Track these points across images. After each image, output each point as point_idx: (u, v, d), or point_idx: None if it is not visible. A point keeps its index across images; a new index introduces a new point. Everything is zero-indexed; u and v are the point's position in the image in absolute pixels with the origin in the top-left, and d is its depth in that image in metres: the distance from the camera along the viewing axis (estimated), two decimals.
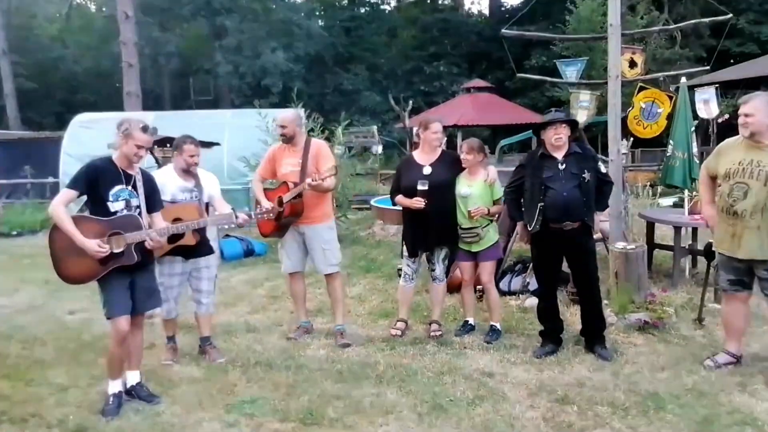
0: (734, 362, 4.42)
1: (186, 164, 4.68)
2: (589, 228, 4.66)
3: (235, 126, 12.68)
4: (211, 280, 4.93)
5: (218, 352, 4.91)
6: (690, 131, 6.59)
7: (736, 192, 4.15)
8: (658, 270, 7.18)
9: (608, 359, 4.56)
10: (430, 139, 5.19)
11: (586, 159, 4.65)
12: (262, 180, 5.23)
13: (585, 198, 4.54)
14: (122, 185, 3.93)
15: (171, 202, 4.56)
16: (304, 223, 5.08)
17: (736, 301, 4.39)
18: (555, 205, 4.50)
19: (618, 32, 5.69)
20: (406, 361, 4.71)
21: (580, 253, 4.70)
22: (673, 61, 19.60)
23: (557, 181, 4.52)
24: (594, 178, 4.61)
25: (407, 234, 5.34)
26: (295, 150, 5.08)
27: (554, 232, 4.57)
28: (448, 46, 31.21)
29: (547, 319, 4.89)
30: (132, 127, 3.90)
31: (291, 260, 5.24)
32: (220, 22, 26.50)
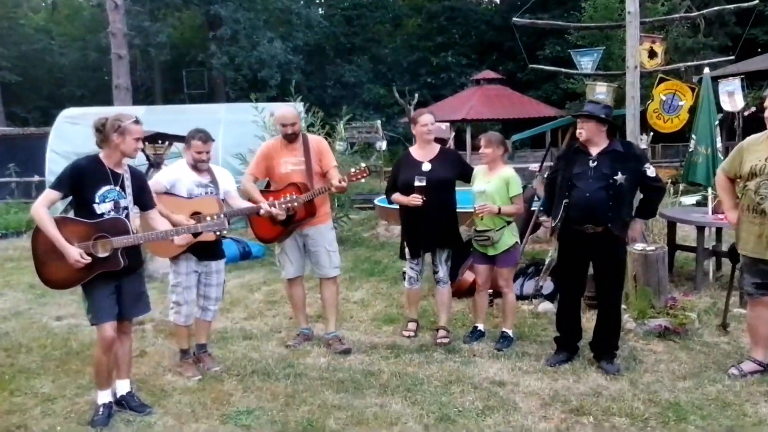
0: (761, 370, 4.41)
1: (193, 160, 4.68)
2: (616, 237, 4.46)
3: (230, 121, 12.68)
4: (221, 286, 4.90)
5: (213, 361, 4.92)
6: (714, 125, 6.59)
7: (764, 190, 4.14)
8: (679, 273, 7.18)
9: (612, 374, 4.48)
10: (421, 133, 5.23)
11: (626, 159, 4.45)
12: (255, 180, 5.15)
13: (612, 202, 4.38)
14: (110, 185, 3.94)
15: (188, 197, 4.61)
16: (308, 225, 5.06)
17: (762, 305, 4.38)
18: (577, 205, 4.43)
19: (636, 20, 5.68)
20: (412, 370, 4.72)
21: (603, 262, 4.58)
22: (696, 50, 19.57)
23: (584, 179, 4.44)
24: (632, 182, 4.43)
25: (406, 234, 5.39)
26: (294, 147, 5.05)
27: (577, 234, 4.51)
28: (456, 35, 31.25)
29: (564, 325, 4.83)
30: (124, 122, 3.91)
31: (293, 265, 5.21)
32: (214, 11, 26.55)
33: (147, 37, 26.20)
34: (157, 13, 28.58)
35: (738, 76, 6.99)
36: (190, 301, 4.70)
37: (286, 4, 28.66)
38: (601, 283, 4.67)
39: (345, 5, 34.01)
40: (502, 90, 22.50)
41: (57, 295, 6.75)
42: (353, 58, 31.51)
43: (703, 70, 6.77)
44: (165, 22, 28.22)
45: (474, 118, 20.57)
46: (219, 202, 4.64)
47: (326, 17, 32.51)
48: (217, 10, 26.42)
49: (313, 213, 4.98)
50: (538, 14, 24.37)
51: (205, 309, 4.86)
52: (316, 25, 30.24)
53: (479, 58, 30.67)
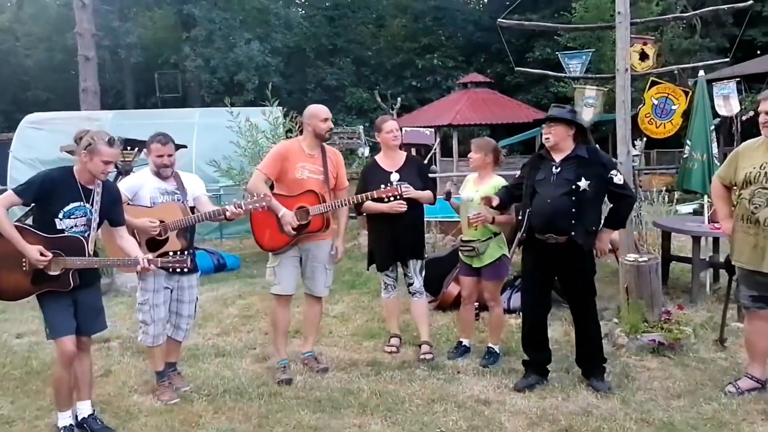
0: (758, 388, 4.42)
1: (154, 165, 4.61)
2: (580, 247, 4.42)
3: (205, 126, 12.67)
4: (193, 303, 4.82)
5: (183, 380, 4.87)
6: (709, 130, 6.64)
7: (758, 198, 4.17)
8: (675, 285, 7.22)
9: (603, 391, 4.46)
10: (386, 140, 5.31)
11: (591, 165, 4.42)
12: (267, 181, 4.90)
13: (575, 210, 4.35)
14: (79, 202, 3.92)
15: (150, 206, 4.54)
16: (311, 240, 4.95)
17: (759, 319, 4.40)
18: (538, 213, 4.42)
19: (627, 21, 5.72)
20: (393, 388, 4.70)
21: (568, 275, 4.58)
22: (693, 52, 19.77)
23: (546, 186, 4.44)
24: (597, 189, 4.41)
25: (377, 245, 5.44)
26: (314, 154, 4.93)
27: (540, 245, 4.48)
28: (443, 36, 31.32)
29: (530, 346, 4.76)
30: (96, 141, 3.87)
31: (289, 281, 4.98)
32: (187, 11, 26.49)
33: (116, 37, 26.09)
34: (128, 13, 28.48)
35: (733, 79, 7.05)
36: (158, 320, 4.61)
37: (264, 4, 28.66)
38: (571, 298, 4.70)
39: (326, 5, 34.06)
40: (490, 94, 22.53)
41: (18, 311, 6.70)
42: (335, 61, 31.50)
43: (698, 73, 6.83)
44: (136, 22, 28.13)
45: (461, 123, 20.56)
46: (183, 209, 4.56)
47: (306, 18, 32.51)
48: (190, 10, 26.37)
49: (327, 226, 4.92)
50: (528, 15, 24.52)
51: (177, 327, 4.79)
52: (296, 25, 30.23)
53: (466, 61, 30.76)
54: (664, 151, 18.52)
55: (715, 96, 6.87)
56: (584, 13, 19.73)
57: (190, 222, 4.54)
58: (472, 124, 21.21)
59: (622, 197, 4.56)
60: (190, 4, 26.41)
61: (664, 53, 18.75)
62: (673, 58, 18.78)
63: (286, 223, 4.68)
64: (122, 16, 27.67)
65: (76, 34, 18.86)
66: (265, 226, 4.84)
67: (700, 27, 20.84)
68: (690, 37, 20.67)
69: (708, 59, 11.97)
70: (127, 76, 30.92)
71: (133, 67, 30.15)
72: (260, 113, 10.47)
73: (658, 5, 18.94)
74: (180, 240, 4.51)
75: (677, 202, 10.11)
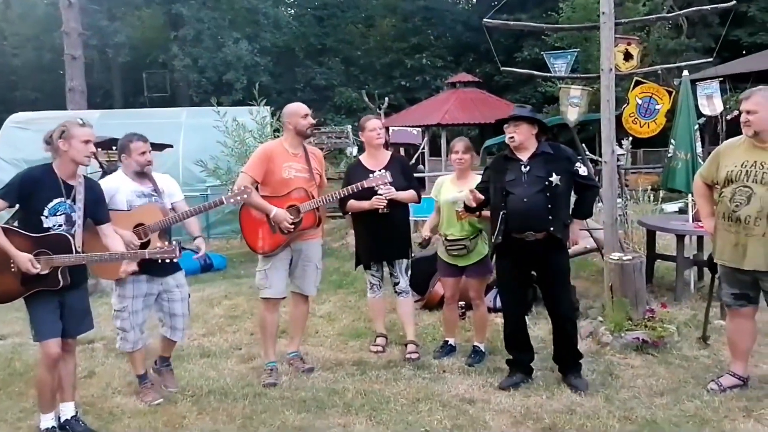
0: (740, 385, 4.44)
1: (138, 165, 4.54)
2: (558, 241, 4.47)
3: (192, 126, 12.63)
4: (186, 301, 4.76)
5: (173, 379, 4.84)
6: (693, 130, 6.67)
7: (739, 197, 4.18)
8: (660, 283, 7.25)
9: (583, 390, 4.47)
10: (370, 139, 5.33)
11: (557, 160, 4.50)
12: (253, 184, 4.80)
13: (551, 205, 4.39)
14: (61, 198, 3.89)
15: (128, 209, 4.48)
16: (303, 239, 4.92)
17: (741, 317, 4.43)
18: (515, 213, 4.39)
19: (611, 21, 5.73)
20: (378, 387, 4.70)
21: (546, 270, 4.58)
22: (679, 52, 19.83)
23: (519, 185, 4.42)
24: (567, 183, 4.47)
25: (362, 244, 5.46)
26: (297, 153, 4.92)
27: (518, 244, 4.46)
28: (432, 36, 31.44)
29: (515, 346, 4.75)
30: (69, 126, 3.87)
31: (281, 284, 4.93)
32: (176, 10, 26.41)
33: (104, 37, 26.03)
34: (116, 12, 28.36)
35: (716, 78, 7.08)
36: (137, 326, 4.56)
37: (253, 4, 28.65)
38: (548, 293, 4.67)
39: (315, 5, 34.08)
40: (478, 93, 22.53)
41: (2, 312, 6.64)
42: (324, 60, 31.54)
43: (683, 73, 6.85)
44: (124, 22, 28.01)
45: (450, 123, 20.57)
46: (163, 210, 4.52)
47: (296, 17, 32.53)
48: (179, 9, 26.32)
49: (319, 223, 4.91)
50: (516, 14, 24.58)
51: (174, 328, 4.73)
52: (285, 25, 30.24)
53: (455, 60, 30.84)
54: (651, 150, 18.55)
55: (699, 96, 6.89)
56: (572, 13, 19.78)
57: (170, 222, 4.51)
58: (460, 123, 21.20)
59: (588, 187, 4.66)
60: (179, 4, 26.36)
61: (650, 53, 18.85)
62: (660, 57, 18.85)
63: (281, 220, 4.64)
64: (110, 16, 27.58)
65: (62, 33, 18.77)
66: (257, 229, 4.81)
67: (687, 27, 20.95)
68: (676, 37, 20.75)
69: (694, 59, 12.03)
70: (116, 76, 30.84)
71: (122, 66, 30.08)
72: (247, 113, 10.45)
73: (644, 5, 18.99)
74: (162, 242, 4.46)
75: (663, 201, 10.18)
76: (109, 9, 27.74)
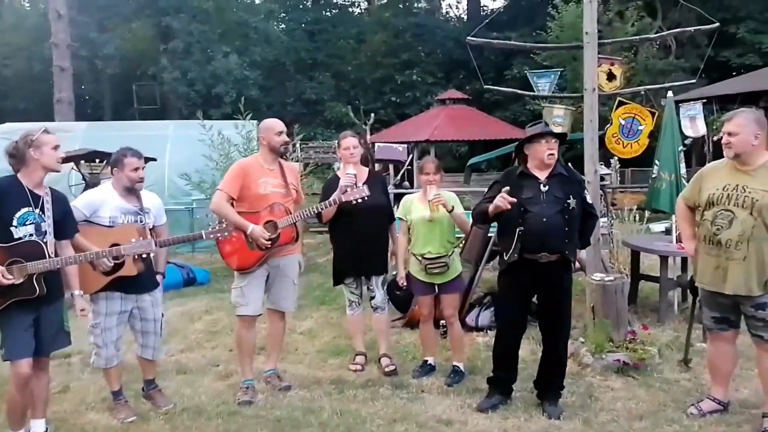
0: (720, 410, 4.41)
1: (129, 181, 4.49)
2: (569, 263, 4.42)
3: (178, 139, 12.58)
4: (158, 322, 4.71)
5: (165, 398, 4.77)
6: (678, 150, 6.68)
7: (721, 220, 4.16)
8: (644, 304, 7.22)
9: (555, 417, 4.38)
10: (345, 157, 5.34)
11: (572, 183, 4.44)
12: (229, 200, 4.73)
13: (567, 227, 4.33)
14: (29, 208, 3.85)
15: (109, 226, 4.41)
16: (280, 255, 4.87)
17: (721, 341, 4.39)
18: (533, 232, 4.27)
19: (594, 41, 5.75)
20: (355, 407, 4.64)
21: (553, 291, 4.47)
22: (668, 72, 19.97)
23: (538, 204, 4.29)
24: (579, 207, 4.39)
25: (338, 259, 5.48)
26: (273, 168, 4.88)
27: (529, 264, 4.34)
28: (423, 53, 31.50)
29: (503, 366, 4.66)
30: (36, 135, 3.86)
31: (257, 302, 4.87)
32: (166, 23, 26.43)
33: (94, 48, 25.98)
34: (107, 24, 28.35)
35: (699, 100, 7.11)
36: (109, 343, 4.49)
37: (243, 18, 28.71)
38: (551, 317, 4.55)
39: (307, 20, 34.17)
40: (467, 110, 22.59)
41: None
42: (315, 75, 31.58)
43: (667, 94, 6.87)
44: (114, 33, 27.99)
45: (439, 139, 20.62)
46: (142, 232, 4.43)
47: (287, 32, 32.58)
48: (169, 22, 26.31)
49: (296, 238, 4.87)
50: (506, 32, 24.75)
51: (146, 346, 4.68)
52: (275, 39, 30.27)
53: (445, 77, 30.89)
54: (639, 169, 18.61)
55: (682, 117, 6.90)
56: (560, 32, 19.91)
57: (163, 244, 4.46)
58: (449, 140, 21.26)
59: (591, 216, 4.62)
60: (169, 17, 26.37)
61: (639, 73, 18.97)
62: (648, 77, 18.97)
63: (258, 236, 4.58)
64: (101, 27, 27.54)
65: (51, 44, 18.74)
66: (233, 246, 4.74)
67: (675, 48, 21.11)
68: (665, 58, 20.92)
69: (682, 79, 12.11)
70: (105, 87, 30.77)
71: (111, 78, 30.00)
72: (233, 126, 10.41)
73: (633, 26, 19.15)
74: (137, 264, 4.39)
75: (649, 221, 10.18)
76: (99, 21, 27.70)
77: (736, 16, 22.50)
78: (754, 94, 14.20)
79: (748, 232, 4.05)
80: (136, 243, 4.07)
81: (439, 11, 38.99)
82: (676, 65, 20.64)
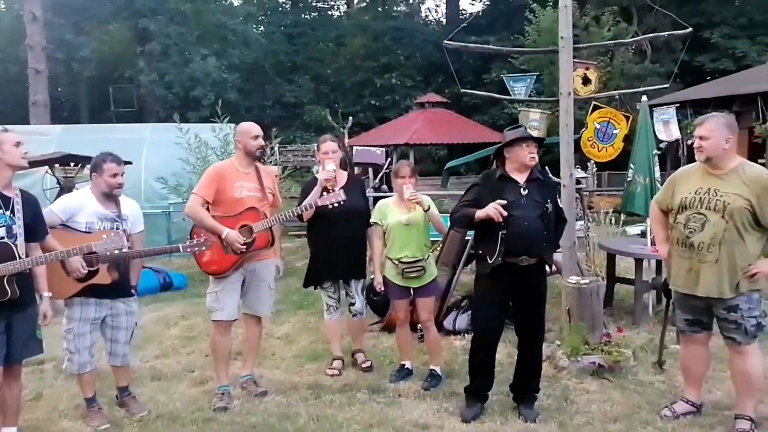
0: (694, 411, 4.45)
1: (108, 187, 4.43)
2: (544, 267, 4.49)
3: (155, 142, 12.50)
4: (130, 330, 4.66)
5: (139, 405, 4.73)
6: (652, 154, 6.74)
7: (693, 223, 4.20)
8: (620, 306, 7.27)
9: (531, 420, 4.40)
10: (323, 161, 5.33)
11: (548, 187, 4.51)
12: (204, 205, 4.70)
13: (546, 231, 4.37)
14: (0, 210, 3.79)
15: (86, 231, 4.35)
16: (256, 259, 4.85)
17: (694, 343, 4.43)
18: (516, 236, 4.25)
19: (569, 45, 5.79)
20: (331, 412, 4.63)
21: (531, 295, 4.48)
22: (643, 76, 20.14)
23: (520, 208, 4.28)
24: (554, 210, 4.46)
25: (317, 262, 5.48)
26: (249, 172, 4.86)
27: (509, 268, 4.32)
28: (402, 56, 31.54)
29: (480, 373, 4.61)
30: None
31: (233, 306, 4.83)
32: (143, 25, 26.23)
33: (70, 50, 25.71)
34: (83, 26, 28.09)
35: (673, 104, 7.18)
36: (83, 349, 4.44)
37: (222, 21, 28.55)
38: (529, 320, 4.55)
39: (286, 23, 34.07)
40: (446, 114, 22.64)
41: None
42: (294, 78, 31.50)
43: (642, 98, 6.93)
44: (91, 36, 27.73)
45: (418, 143, 20.65)
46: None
47: (266, 35, 32.45)
48: (146, 24, 26.11)
49: (272, 243, 4.83)
50: (485, 36, 24.84)
51: (114, 354, 4.64)
52: (254, 42, 30.16)
53: (425, 80, 30.97)
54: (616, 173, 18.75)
55: (656, 121, 6.97)
56: (537, 36, 20.00)
57: (122, 256, 4.38)
58: (428, 143, 21.30)
59: (563, 219, 4.71)
60: (146, 19, 26.16)
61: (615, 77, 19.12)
62: (624, 82, 19.13)
63: (233, 241, 4.56)
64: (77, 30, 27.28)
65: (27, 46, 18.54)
66: (208, 250, 4.67)
67: (650, 53, 21.31)
68: (640, 62, 21.10)
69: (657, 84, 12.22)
70: (82, 90, 30.48)
71: (88, 80, 29.73)
72: (210, 130, 10.35)
73: (609, 30, 19.29)
74: (111, 272, 4.35)
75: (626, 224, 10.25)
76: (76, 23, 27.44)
77: (710, 21, 22.83)
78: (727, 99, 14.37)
79: (720, 235, 4.08)
80: (107, 239, 4.02)
81: (419, 15, 39.06)
82: (652, 70, 20.82)
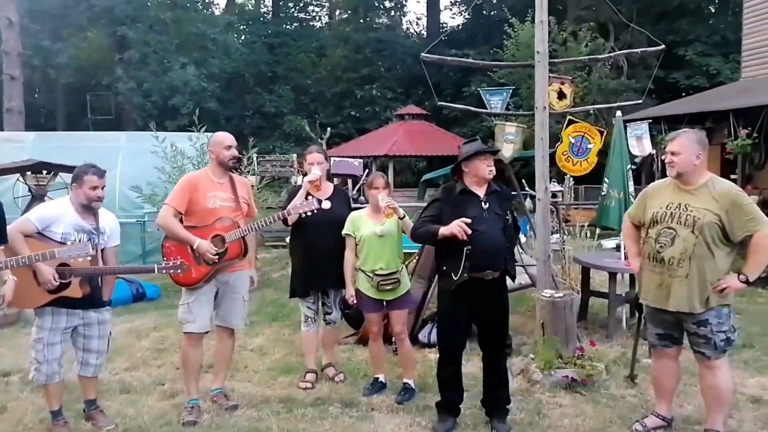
0: (664, 426, 4.46)
1: (87, 199, 4.37)
2: (505, 281, 4.50)
3: (130, 150, 12.39)
4: (105, 339, 4.59)
5: (107, 418, 4.64)
6: (626, 169, 6.80)
7: (664, 238, 4.22)
8: (594, 320, 7.29)
9: None
10: (308, 169, 5.35)
11: (506, 199, 4.54)
12: (176, 215, 4.65)
13: (509, 243, 4.42)
14: None
15: (61, 242, 4.26)
16: (230, 270, 4.80)
17: (665, 357, 4.45)
18: (480, 251, 4.25)
19: (545, 60, 5.82)
20: (303, 426, 4.58)
21: (495, 308, 4.47)
22: (620, 92, 20.37)
23: (483, 222, 4.27)
24: (513, 222, 4.52)
25: (298, 273, 5.47)
26: (223, 182, 4.81)
27: (474, 282, 4.31)
28: (382, 68, 31.69)
29: (450, 387, 4.60)
30: None
31: (205, 318, 4.77)
32: (122, 32, 26.08)
33: (47, 57, 25.49)
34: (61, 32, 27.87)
35: (646, 120, 7.24)
36: (52, 360, 4.36)
37: (202, 29, 28.44)
38: (491, 331, 4.55)
39: (267, 33, 34.05)
40: (426, 126, 22.77)
41: None
42: (274, 88, 31.47)
43: (615, 113, 6.99)
44: (68, 42, 27.52)
45: (397, 154, 20.73)
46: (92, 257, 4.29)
47: (246, 44, 32.42)
48: (125, 32, 25.97)
49: (245, 253, 4.78)
50: (466, 50, 25.00)
51: (86, 363, 4.56)
52: (235, 51, 30.10)
53: (405, 92, 31.09)
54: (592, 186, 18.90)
55: (629, 136, 7.05)
56: (516, 50, 20.17)
57: (97, 272, 4.34)
58: (408, 155, 21.36)
59: (517, 230, 4.81)
60: (125, 26, 26.01)
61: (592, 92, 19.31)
62: (601, 97, 19.33)
63: (205, 251, 4.51)
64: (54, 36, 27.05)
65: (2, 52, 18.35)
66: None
67: (627, 68, 21.57)
68: (617, 78, 21.33)
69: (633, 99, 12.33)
70: (59, 97, 30.25)
71: (65, 87, 29.50)
72: (187, 139, 10.27)
73: (586, 46, 19.50)
74: (82, 286, 4.29)
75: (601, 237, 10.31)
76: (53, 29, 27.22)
77: (685, 39, 23.21)
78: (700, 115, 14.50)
79: (690, 249, 4.11)
80: (71, 246, 3.96)
81: (400, 27, 39.24)
82: (628, 85, 21.07)
